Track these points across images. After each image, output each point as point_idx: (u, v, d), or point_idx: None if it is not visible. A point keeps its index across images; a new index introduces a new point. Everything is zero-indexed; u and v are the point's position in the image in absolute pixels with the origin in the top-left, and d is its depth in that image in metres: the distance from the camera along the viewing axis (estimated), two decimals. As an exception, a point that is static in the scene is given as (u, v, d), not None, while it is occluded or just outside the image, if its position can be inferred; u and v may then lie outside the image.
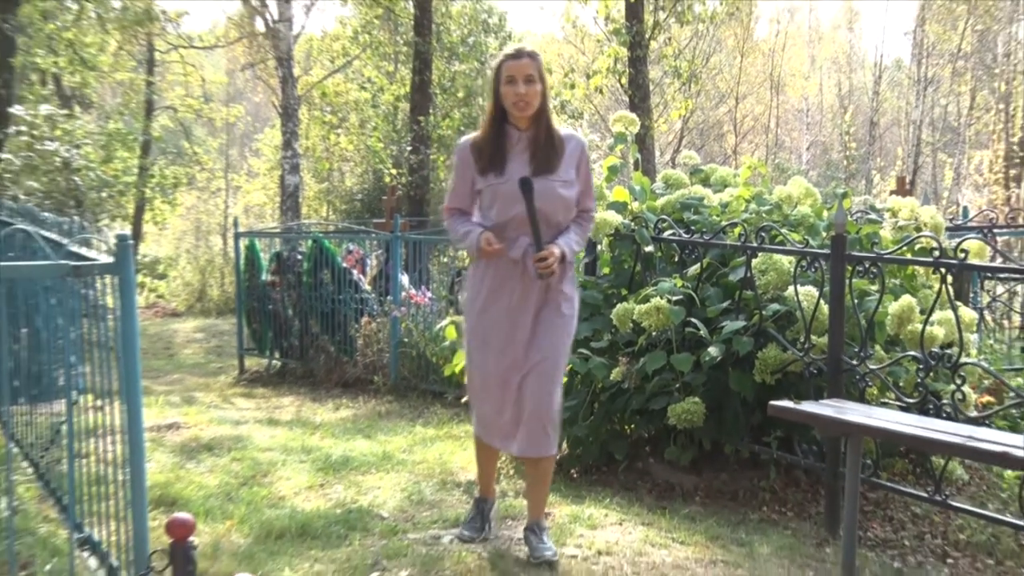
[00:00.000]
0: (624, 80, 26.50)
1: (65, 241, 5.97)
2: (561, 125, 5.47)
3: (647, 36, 26.82)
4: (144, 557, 4.59)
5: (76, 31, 27.68)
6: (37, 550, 5.49)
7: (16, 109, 21.19)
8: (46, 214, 7.00)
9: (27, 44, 25.29)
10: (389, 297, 12.43)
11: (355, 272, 13.21)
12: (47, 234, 6.17)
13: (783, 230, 7.14)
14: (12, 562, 4.87)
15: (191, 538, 4.51)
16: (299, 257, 13.50)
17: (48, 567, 5.25)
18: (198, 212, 40.39)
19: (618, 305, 7.16)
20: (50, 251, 5.53)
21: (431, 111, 27.33)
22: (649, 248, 7.54)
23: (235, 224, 17.31)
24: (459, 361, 8.31)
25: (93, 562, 5.20)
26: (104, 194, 23.08)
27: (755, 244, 6.95)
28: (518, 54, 5.17)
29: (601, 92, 27.27)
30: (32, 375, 7.45)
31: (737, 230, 7.23)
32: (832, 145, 46.72)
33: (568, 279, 5.43)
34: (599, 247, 7.73)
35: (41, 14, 26.03)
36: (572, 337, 5.56)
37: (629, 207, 7.65)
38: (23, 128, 20.26)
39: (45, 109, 21.71)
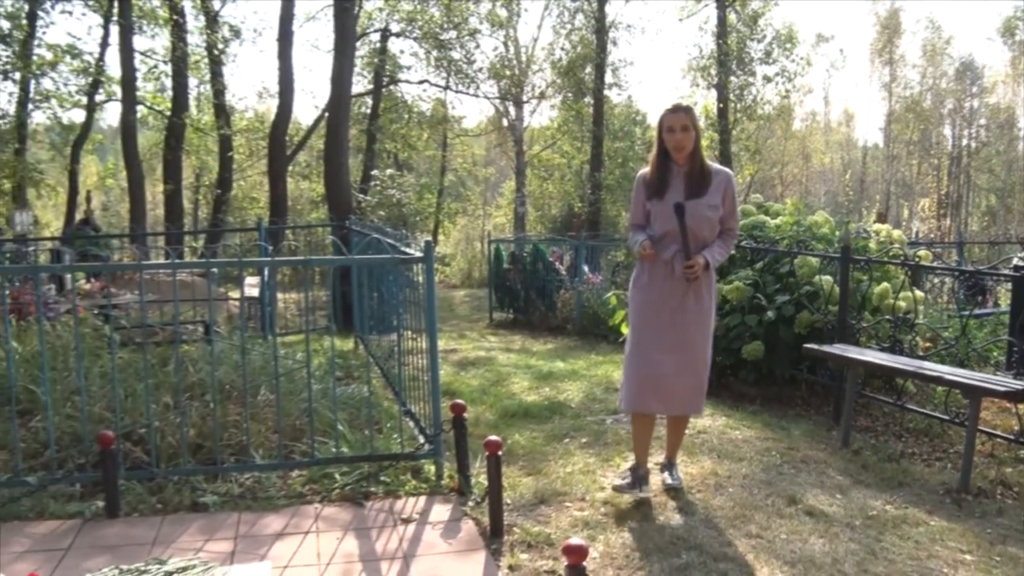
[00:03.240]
0: (717, 153, 26.17)
1: (398, 244, 6.06)
2: (713, 163, 4.51)
3: (730, 127, 26.41)
4: (439, 423, 4.65)
5: (406, 128, 28.22)
6: (382, 415, 5.60)
7: (374, 172, 21.75)
8: (388, 229, 7.16)
9: (380, 137, 25.94)
10: (576, 279, 12.41)
11: (557, 264, 13.21)
12: (389, 241, 6.27)
13: (812, 242, 7.02)
14: (370, 420, 4.97)
15: (464, 414, 4.55)
16: (524, 255, 13.53)
17: (388, 425, 5.34)
18: (467, 228, 40.79)
19: (712, 286, 7.07)
20: (390, 250, 5.62)
21: (601, 170, 27.21)
22: (732, 252, 7.38)
23: (488, 235, 17.40)
24: (618, 317, 8.22)
25: (411, 424, 5.28)
26: (418, 218, 23.53)
27: (796, 250, 6.85)
28: (675, 109, 4.30)
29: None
30: (379, 318, 7.61)
31: (785, 242, 7.13)
32: (839, 192, 45.51)
33: (710, 281, 4.41)
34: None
35: (388, 121, 26.69)
36: (712, 323, 4.53)
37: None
38: (377, 183, 20.77)
39: (388, 172, 22.20)
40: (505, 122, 31.38)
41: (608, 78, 28.04)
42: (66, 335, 6.32)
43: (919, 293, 6.62)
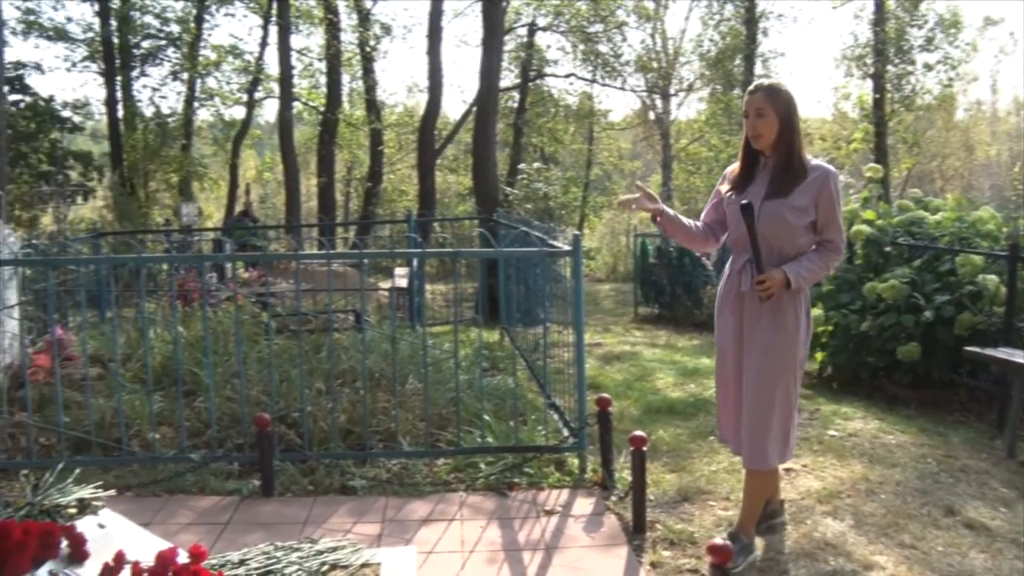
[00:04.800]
0: (872, 145, 25.26)
1: (545, 238, 6.09)
2: (815, 157, 3.60)
3: (886, 119, 25.45)
4: (583, 416, 4.65)
5: (552, 122, 28.35)
6: (527, 407, 5.64)
7: (521, 165, 21.96)
8: (535, 222, 7.22)
9: (527, 131, 26.18)
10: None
11: (704, 259, 13.00)
12: (536, 234, 6.31)
13: (976, 239, 6.70)
14: (515, 412, 5.02)
15: (609, 408, 4.54)
16: (671, 249, 13.38)
17: (533, 417, 5.38)
18: (612, 222, 40.56)
19: (867, 283, 6.76)
20: (537, 243, 5.65)
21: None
22: (888, 248, 7.08)
23: (634, 229, 17.28)
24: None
25: (555, 417, 5.31)
26: (563, 212, 23.60)
27: (957, 248, 6.53)
28: (754, 90, 3.52)
29: (856, 152, 25.80)
30: (525, 311, 7.67)
31: (946, 239, 6.79)
32: (1006, 187, 43.01)
33: (795, 304, 3.48)
34: (855, 247, 7.32)
35: (535, 115, 26.90)
36: (790, 360, 3.48)
37: (876, 223, 7.20)
38: (523, 176, 20.93)
39: (535, 165, 22.34)
40: (652, 115, 31.07)
41: (758, 69, 27.36)
42: (226, 321, 6.65)
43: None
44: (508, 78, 26.10)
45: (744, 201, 3.44)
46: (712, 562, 2.70)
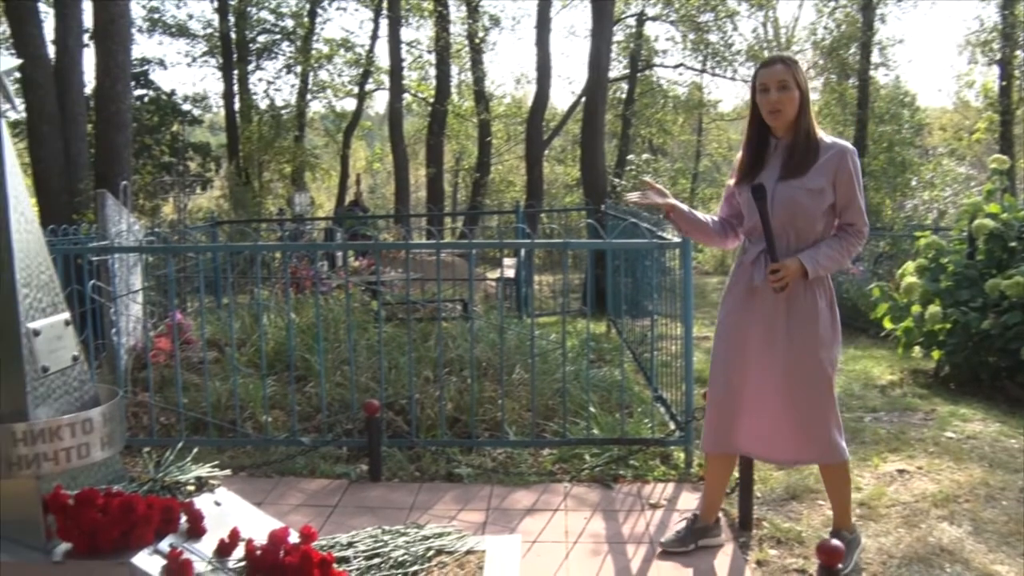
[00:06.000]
0: (997, 135, 24.24)
1: (654, 229, 6.04)
2: (828, 134, 3.29)
3: (1013, 107, 24.38)
4: (690, 410, 4.60)
5: (661, 113, 28.08)
6: (634, 399, 5.60)
7: (630, 157, 21.84)
8: (644, 213, 7.15)
9: (635, 122, 26.02)
10: (837, 269, 11.84)
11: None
12: (645, 225, 6.26)
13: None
14: (621, 404, 5.00)
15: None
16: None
17: (639, 409, 5.35)
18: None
19: (990, 280, 6.47)
20: (646, 235, 5.60)
21: (865, 155, 25.79)
22: (1013, 244, 6.77)
23: (745, 223, 16.94)
24: (881, 310, 7.76)
25: (662, 410, 5.26)
26: (671, 204, 23.37)
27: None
28: (771, 61, 3.25)
29: (980, 142, 24.81)
30: (633, 303, 7.62)
31: (1081, 233, 6.45)
32: None
33: (811, 295, 3.22)
34: (976, 241, 7.01)
35: (644, 105, 26.70)
36: (828, 352, 3.25)
37: (1000, 216, 6.89)
38: (631, 167, 20.83)
39: (644, 157, 22.21)
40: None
41: (875, 57, 26.52)
42: (337, 309, 6.80)
43: None
44: (617, 68, 25.92)
45: (755, 183, 3.22)
46: (821, 562, 2.63)
